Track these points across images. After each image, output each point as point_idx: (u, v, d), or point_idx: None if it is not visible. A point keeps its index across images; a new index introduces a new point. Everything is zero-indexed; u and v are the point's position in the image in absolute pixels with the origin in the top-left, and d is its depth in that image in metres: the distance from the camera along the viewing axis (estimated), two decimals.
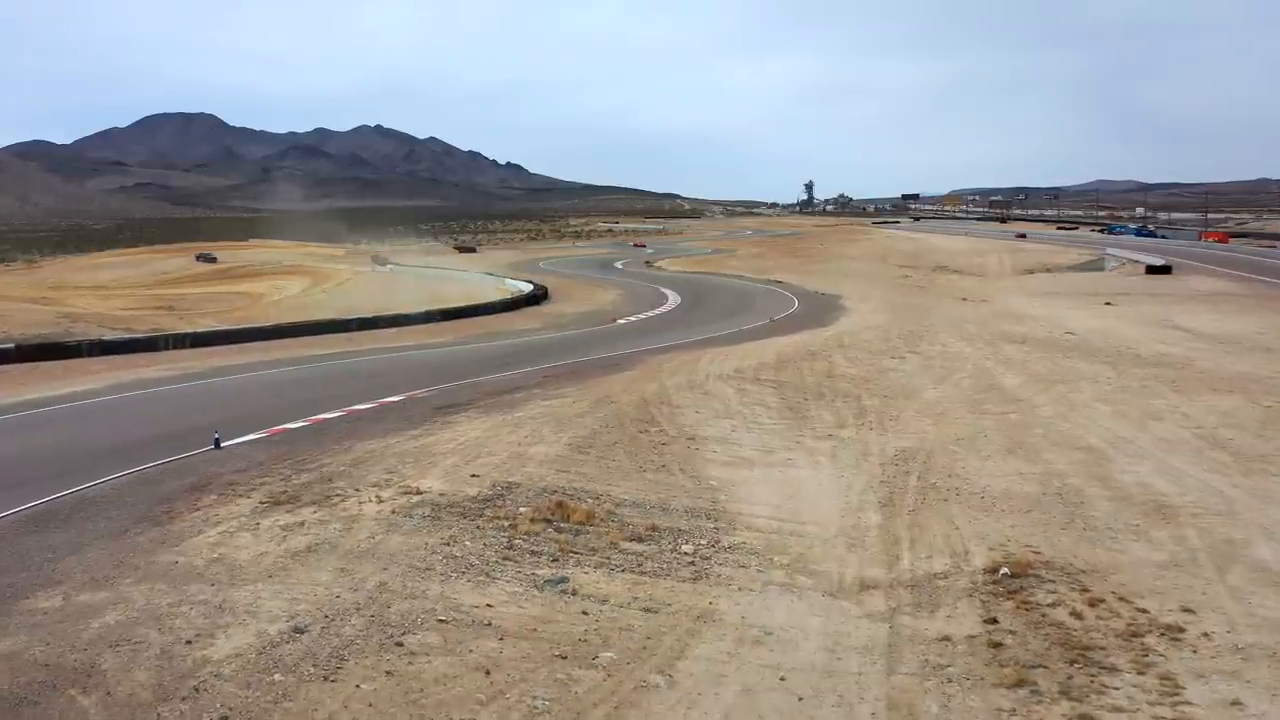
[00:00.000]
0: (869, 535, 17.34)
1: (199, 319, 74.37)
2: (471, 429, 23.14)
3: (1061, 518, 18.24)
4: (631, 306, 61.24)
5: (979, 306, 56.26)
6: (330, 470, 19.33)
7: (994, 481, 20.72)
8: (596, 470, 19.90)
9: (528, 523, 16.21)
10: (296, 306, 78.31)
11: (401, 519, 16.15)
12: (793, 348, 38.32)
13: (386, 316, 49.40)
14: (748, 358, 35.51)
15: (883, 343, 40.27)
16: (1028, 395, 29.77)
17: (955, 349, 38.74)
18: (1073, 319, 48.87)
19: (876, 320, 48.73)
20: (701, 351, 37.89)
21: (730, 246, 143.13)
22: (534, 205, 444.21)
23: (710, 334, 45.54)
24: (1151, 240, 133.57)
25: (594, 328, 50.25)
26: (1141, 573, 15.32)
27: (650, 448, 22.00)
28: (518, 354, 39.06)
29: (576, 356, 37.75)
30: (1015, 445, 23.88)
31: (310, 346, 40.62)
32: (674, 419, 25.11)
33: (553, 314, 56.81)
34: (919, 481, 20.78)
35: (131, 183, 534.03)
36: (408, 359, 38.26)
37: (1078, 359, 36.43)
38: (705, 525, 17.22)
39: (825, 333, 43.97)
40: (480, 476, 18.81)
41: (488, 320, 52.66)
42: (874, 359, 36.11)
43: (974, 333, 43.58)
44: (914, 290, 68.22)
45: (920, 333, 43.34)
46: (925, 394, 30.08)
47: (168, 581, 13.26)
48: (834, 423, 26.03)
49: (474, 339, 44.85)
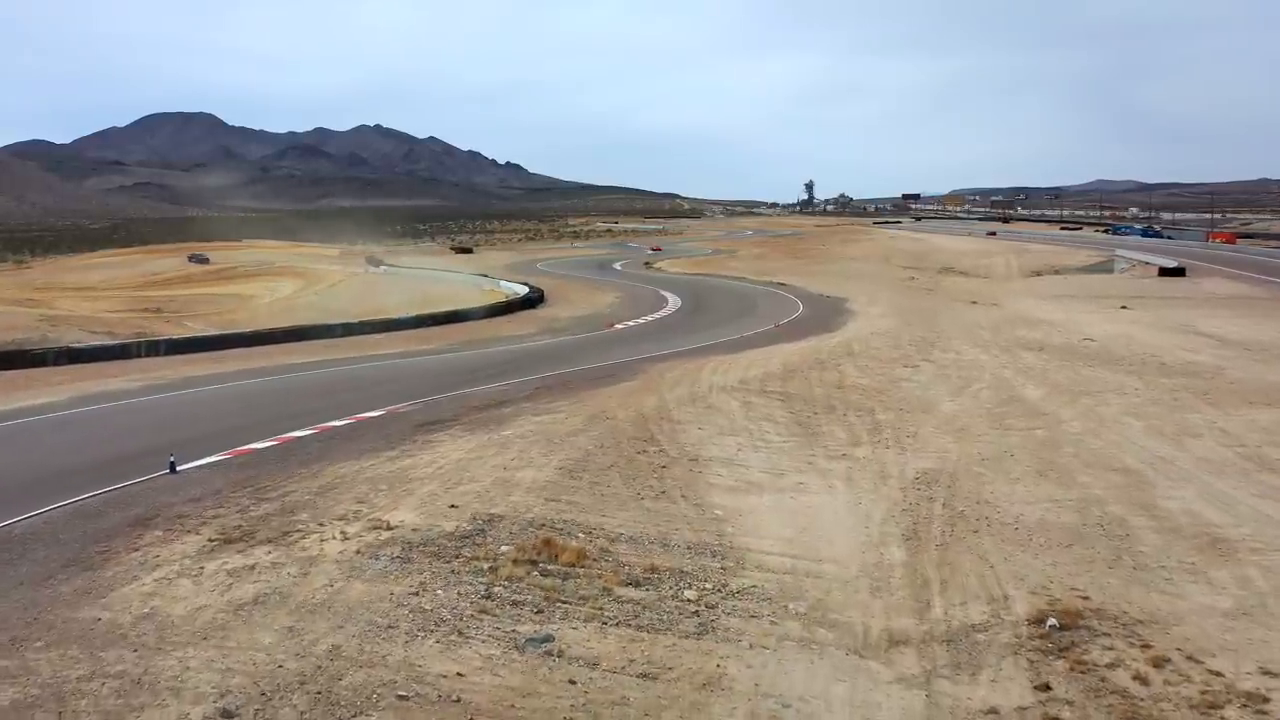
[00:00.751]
0: (894, 575, 15.46)
1: (186, 321, 72.49)
2: (454, 450, 21.23)
3: (1107, 554, 16.37)
4: (630, 310, 59.21)
5: (990, 310, 54.35)
6: (293, 500, 17.42)
7: (1027, 510, 18.84)
8: (589, 499, 18.01)
9: (510, 565, 14.31)
10: (287, 309, 76.39)
11: (366, 561, 14.25)
12: (799, 356, 36.44)
13: (373, 322, 47.40)
14: (753, 367, 33.62)
15: (894, 350, 38.39)
16: (1053, 408, 27.87)
17: (971, 357, 36.84)
18: (1089, 324, 46.96)
19: (885, 325, 46.82)
20: (704, 360, 36.01)
21: (731, 247, 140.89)
22: (533, 205, 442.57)
23: (712, 340, 43.58)
24: (1158, 241, 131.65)
25: (591, 333, 48.25)
26: (1207, 624, 13.45)
27: (649, 471, 20.10)
28: (509, 362, 37.13)
29: (571, 365, 35.83)
30: (1046, 466, 21.99)
31: (291, 354, 38.66)
32: (675, 437, 23.22)
33: (548, 318, 54.74)
34: (945, 509, 18.90)
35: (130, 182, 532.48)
36: (393, 368, 36.34)
37: (1100, 368, 34.53)
38: (710, 565, 15.34)
39: (833, 339, 42.06)
40: (460, 507, 16.92)
41: (480, 325, 50.61)
42: (886, 368, 34.23)
43: (988, 339, 41.68)
44: (921, 293, 66.27)
45: (932, 339, 41.44)
46: (943, 407, 28.19)
47: (84, 646, 11.35)
48: (847, 440, 24.14)
49: (464, 345, 42.87)
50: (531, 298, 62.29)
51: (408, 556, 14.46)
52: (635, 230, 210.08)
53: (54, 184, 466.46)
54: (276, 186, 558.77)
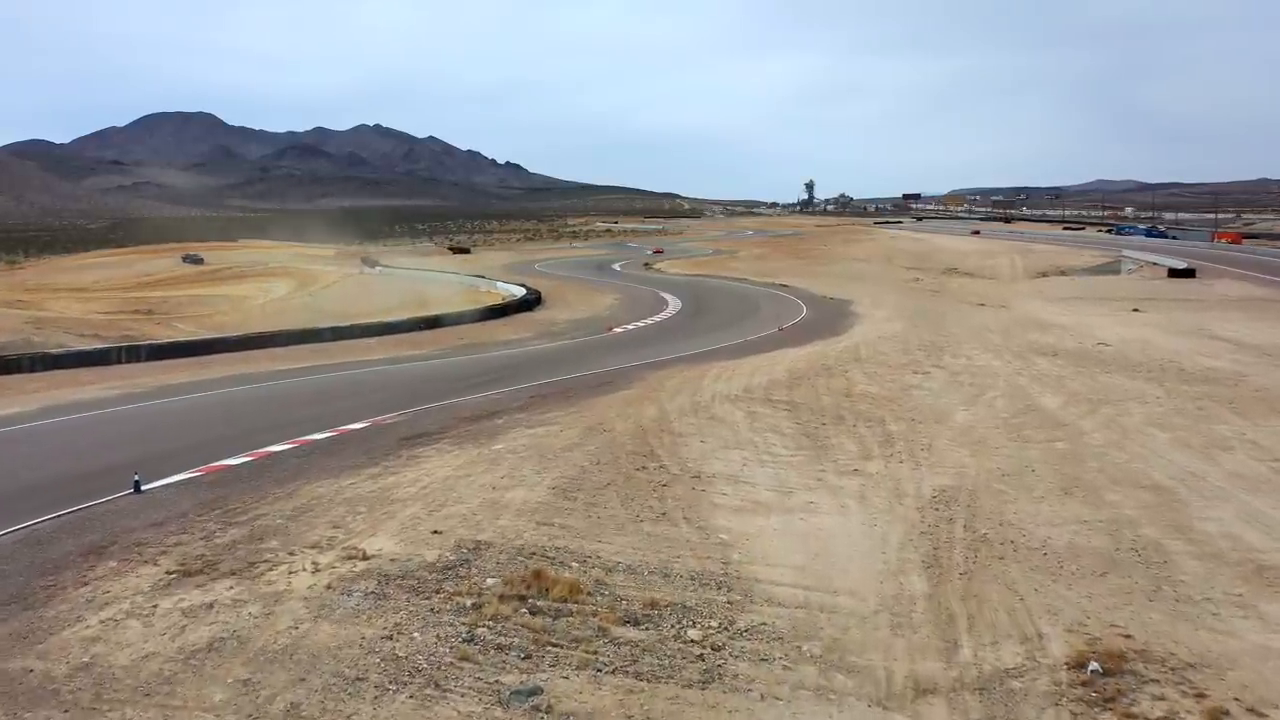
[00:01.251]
0: (916, 610, 14.15)
1: (177, 323, 71.18)
2: (441, 466, 19.91)
3: (1145, 584, 15.08)
4: (630, 313, 57.74)
5: (999, 313, 53.02)
6: (264, 524, 16.10)
7: (1054, 532, 17.54)
8: (584, 522, 16.69)
9: (496, 601, 13.00)
10: (279, 310, 75.10)
11: (337, 598, 12.94)
12: (805, 362, 35.11)
13: (363, 325, 46.00)
14: (757, 374, 32.30)
15: (903, 355, 37.06)
16: (1072, 419, 26.54)
17: (982, 362, 35.52)
18: (1102, 327, 45.65)
19: (892, 329, 45.49)
20: (705, 366, 34.68)
21: (731, 247, 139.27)
22: (533, 205, 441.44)
23: (714, 345, 42.23)
24: (1163, 241, 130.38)
25: (589, 337, 46.88)
26: (1265, 669, 12.15)
27: (649, 490, 18.78)
28: (503, 369, 35.78)
29: (568, 372, 34.49)
30: (1070, 483, 20.67)
31: (277, 360, 37.30)
32: (676, 451, 21.91)
33: (545, 321, 53.28)
34: (966, 532, 17.59)
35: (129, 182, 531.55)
36: (380, 375, 35.01)
37: (1118, 374, 33.21)
38: (716, 599, 14.03)
39: (839, 343, 40.71)
40: (444, 533, 15.61)
41: (474, 329, 49.15)
42: (895, 374, 32.90)
43: (999, 343, 40.35)
44: (927, 295, 64.91)
45: (941, 344, 40.12)
46: (957, 417, 26.88)
47: (7, 704, 10.02)
48: (858, 453, 22.83)
49: (457, 350, 41.51)
50: (528, 300, 60.72)
51: (383, 592, 13.16)
52: (635, 230, 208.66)
53: (53, 184, 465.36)
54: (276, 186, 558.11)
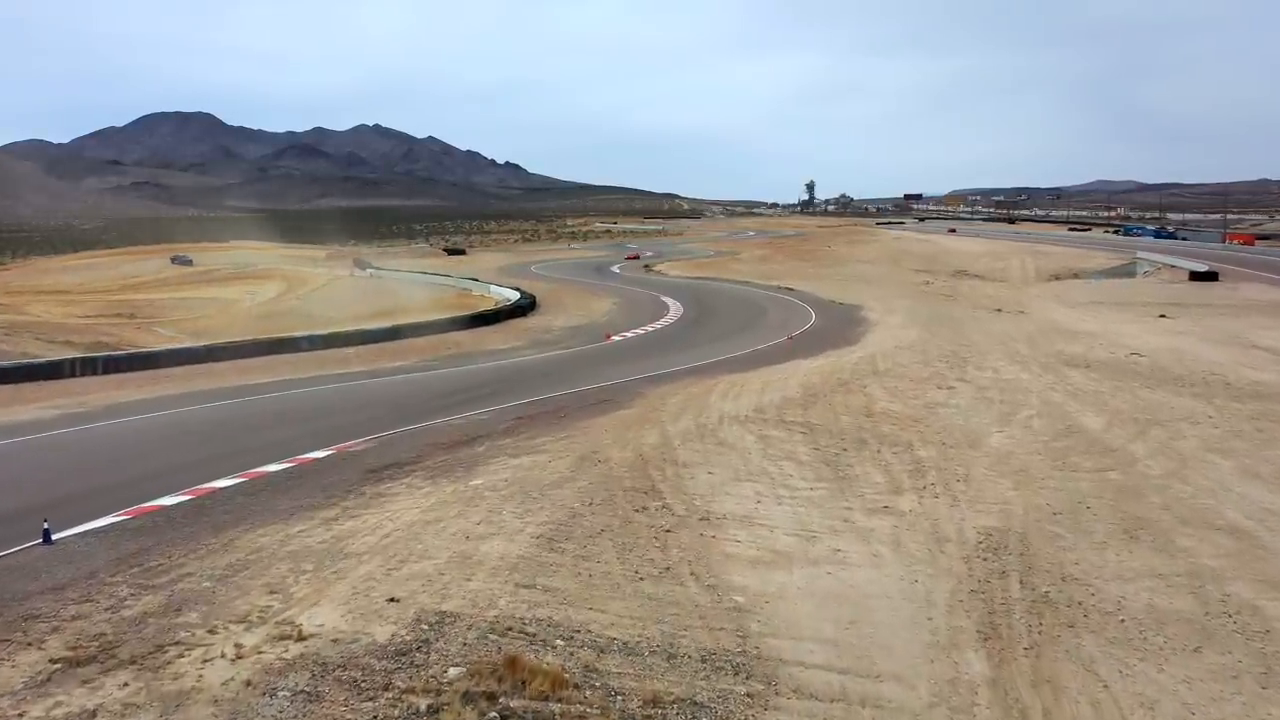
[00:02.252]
0: (978, 702, 11.49)
1: (158, 328, 68.51)
2: (409, 508, 17.18)
3: (1251, 664, 12.49)
4: (629, 319, 54.68)
5: (1018, 319, 50.25)
6: (187, 588, 13.40)
7: (1128, 591, 14.87)
8: (573, 583, 13.99)
9: (458, 703, 10.33)
10: (266, 314, 72.41)
11: (257, 700, 10.24)
12: (820, 375, 32.35)
13: (343, 334, 43.04)
14: (767, 390, 29.55)
15: (923, 367, 34.33)
16: (1120, 443, 23.84)
17: (1010, 375, 32.80)
18: (1131, 335, 42.91)
19: (909, 337, 42.72)
20: (711, 380, 31.92)
21: (733, 248, 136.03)
22: (532, 205, 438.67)
23: (719, 355, 39.30)
24: (1175, 243, 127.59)
25: (585, 346, 43.88)
26: None
27: (650, 537, 16.08)
28: (491, 384, 32.86)
29: (561, 387, 31.60)
30: (1133, 524, 17.98)
31: (244, 373, 34.41)
32: (681, 485, 19.19)
33: (539, 328, 50.30)
34: (1024, 590, 14.91)
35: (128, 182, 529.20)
36: (355, 391, 32.08)
37: (1160, 390, 30.50)
38: (733, 690, 11.35)
39: (853, 354, 37.93)
40: (401, 601, 12.91)
41: (463, 337, 46.05)
42: (918, 390, 30.18)
43: (1025, 353, 37.63)
44: (940, 299, 62.06)
45: (964, 354, 37.39)
46: (991, 440, 24.18)
47: None
48: (887, 486, 20.13)
49: (443, 361, 38.57)
50: (522, 305, 57.61)
51: (317, 690, 10.45)
52: (634, 231, 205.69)
53: (49, 184, 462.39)
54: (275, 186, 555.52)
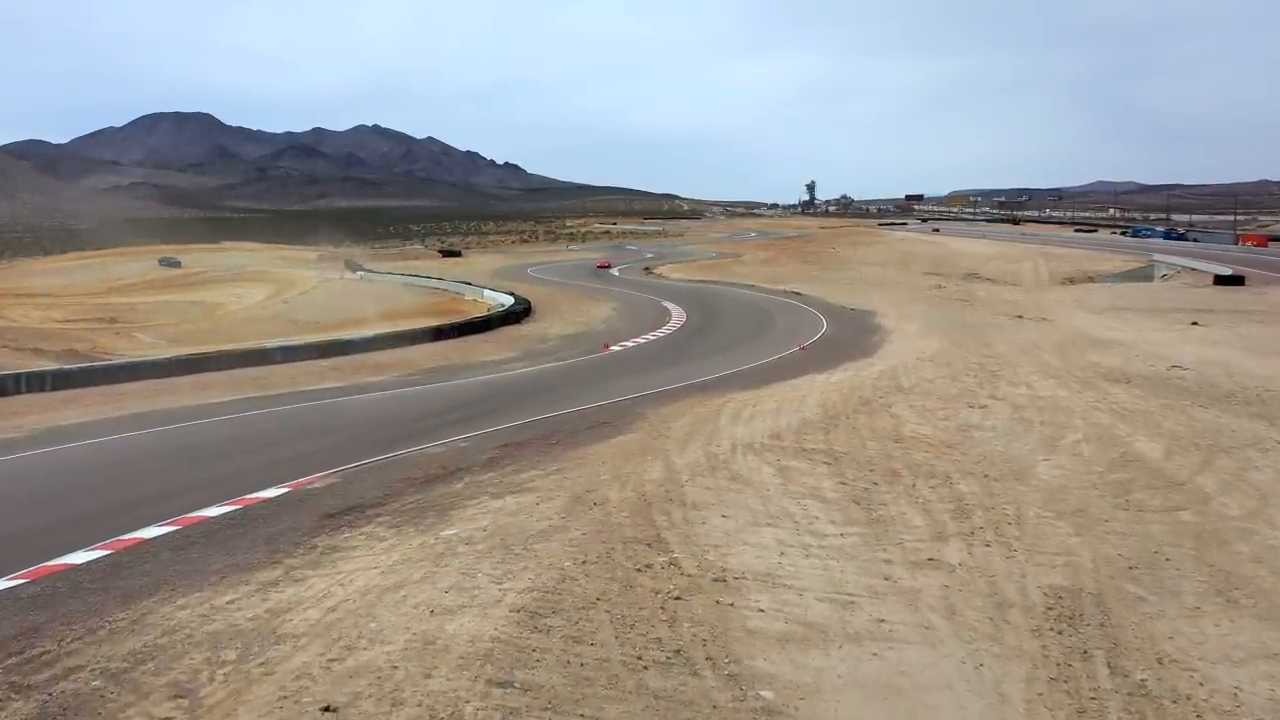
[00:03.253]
0: None
1: (137, 334, 65.84)
2: (365, 568, 14.30)
3: None
4: (629, 326, 51.77)
5: (1042, 327, 47.40)
6: (71, 689, 10.50)
7: (1242, 679, 11.99)
8: (561, 677, 11.11)
9: None
10: (250, 319, 69.75)
11: None
12: (839, 393, 29.49)
13: (320, 344, 40.09)
14: (783, 410, 26.69)
15: (951, 383, 31.48)
16: (1186, 474, 20.96)
17: (1047, 392, 29.95)
18: (1167, 345, 40.11)
19: (930, 347, 39.86)
20: (720, 399, 29.04)
21: (735, 250, 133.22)
22: (531, 206, 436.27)
23: (727, 369, 36.43)
24: (1185, 244, 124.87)
25: (581, 357, 40.86)
26: None
27: (655, 607, 13.20)
28: (476, 402, 29.93)
29: (554, 406, 28.66)
30: (1225, 581, 15.11)
31: (206, 389, 31.45)
32: (690, 534, 16.33)
33: (533, 336, 47.34)
34: (1115, 678, 12.00)
35: (126, 182, 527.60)
36: (324, 412, 28.93)
37: (1213, 409, 27.67)
38: None
39: (874, 367, 35.05)
40: (339, 712, 10.02)
41: (451, 347, 43.06)
42: (949, 409, 27.34)
43: (1058, 366, 34.80)
44: (956, 304, 59.21)
45: (992, 366, 34.55)
46: (1039, 471, 21.34)
47: None
48: (929, 530, 17.27)
49: (426, 375, 35.59)
50: (516, 311, 54.57)
51: None
52: (633, 232, 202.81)
53: (46, 184, 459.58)
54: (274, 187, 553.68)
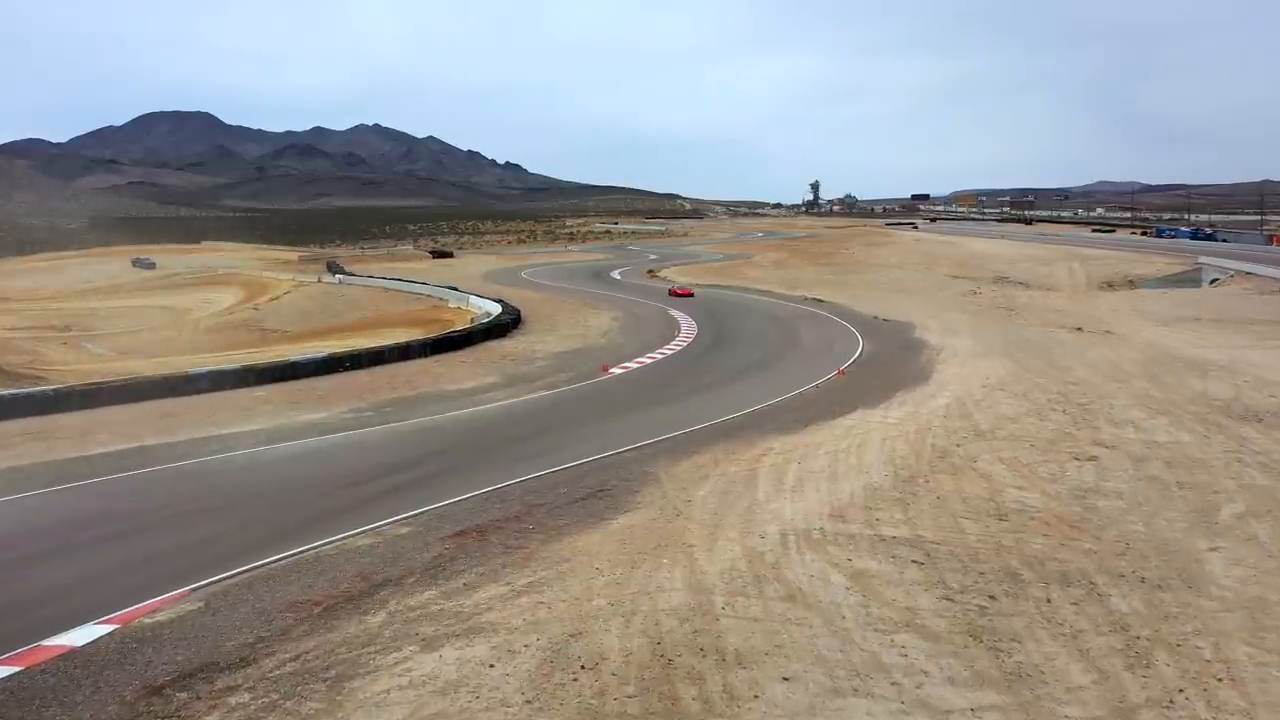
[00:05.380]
0: None
1: (88, 344, 59.47)
2: None
3: None
4: (632, 341, 44.44)
5: (1111, 342, 40.79)
6: None
7: None
8: None
9: None
10: (214, 328, 63.26)
11: None
12: (904, 439, 22.92)
13: (259, 367, 33.18)
14: (840, 469, 20.17)
15: (1038, 421, 24.97)
16: None
17: (1163, 435, 23.47)
18: (1272, 366, 33.62)
19: (993, 370, 33.25)
20: (752, 448, 22.44)
21: (743, 251, 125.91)
22: (532, 205, 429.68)
23: (755, 402, 29.15)
24: (1215, 244, 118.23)
25: (575, 384, 33.19)
26: None
27: None
28: (433, 457, 22.57)
29: (534, 463, 21.51)
30: None
31: (95, 432, 24.56)
32: None
33: (520, 355, 40.15)
34: None
35: (124, 181, 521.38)
36: (226, 472, 21.56)
37: None
38: None
39: (935, 399, 28.41)
40: None
41: (420, 368, 35.77)
42: (1049, 462, 20.88)
43: (1158, 397, 28.29)
44: (999, 314, 52.48)
45: (1079, 397, 28.03)
46: (1213, 570, 14.97)
47: None
48: (1103, 697, 10.92)
49: (380, 409, 28.43)
50: (502, 322, 47.19)
51: None
52: (636, 232, 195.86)
53: (41, 182, 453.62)
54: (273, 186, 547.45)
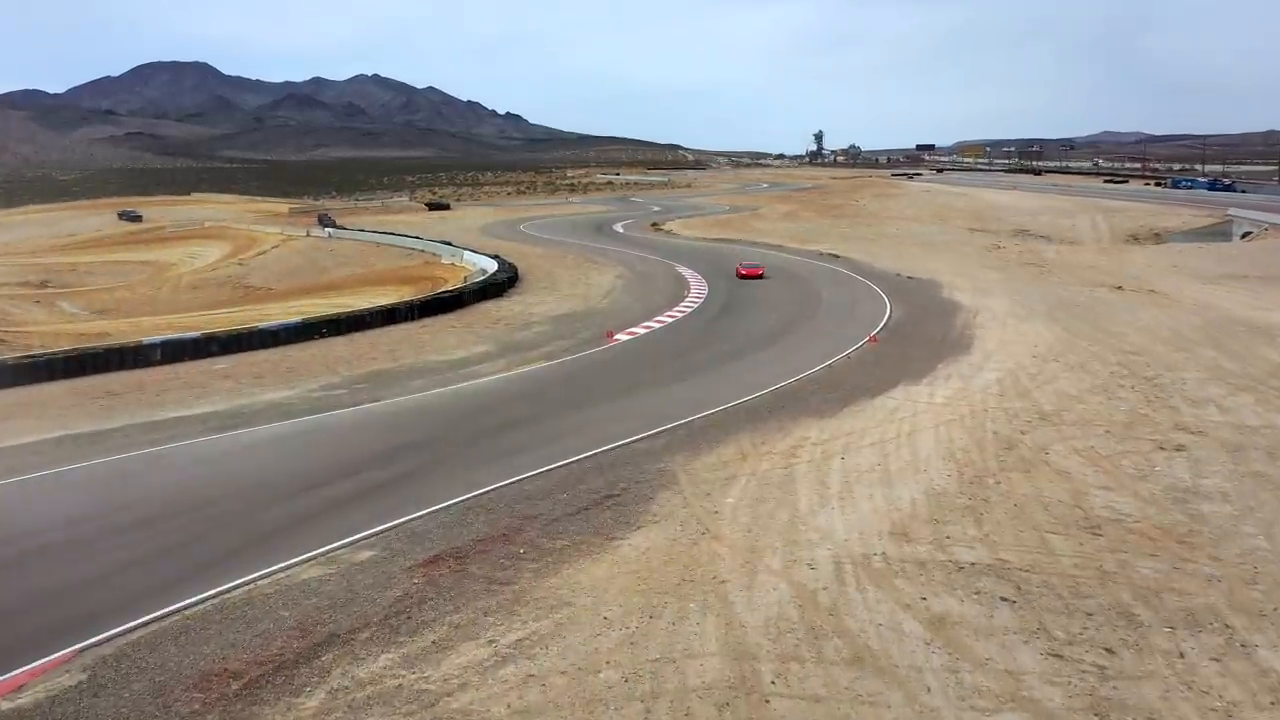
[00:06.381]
0: None
1: (62, 302, 56.39)
2: None
3: None
4: (638, 301, 40.92)
5: (1159, 303, 37.55)
6: None
7: None
8: None
9: None
10: (195, 284, 60.12)
11: None
12: (960, 425, 19.79)
13: (224, 337, 29.57)
14: (893, 467, 17.06)
15: (1105, 399, 21.86)
16: None
17: (1253, 417, 20.39)
18: None
19: (1040, 337, 30.02)
20: (785, 437, 19.24)
21: (749, 203, 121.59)
22: (533, 156, 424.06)
23: (781, 377, 25.62)
24: (1237, 196, 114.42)
25: (577, 353, 29.85)
26: None
27: None
28: (408, 450, 19.31)
29: (527, 458, 18.43)
30: None
31: (17, 417, 21.45)
32: None
33: (516, 318, 36.59)
34: None
35: (121, 132, 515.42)
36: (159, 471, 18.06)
37: None
38: None
39: (984, 372, 25.21)
40: None
41: (405, 335, 32.33)
42: (1129, 452, 17.83)
43: (1232, 369, 25.14)
44: (1029, 271, 49.03)
45: (1143, 369, 24.90)
46: None
47: None
48: None
49: (353, 385, 24.93)
50: (497, 280, 43.64)
51: None
52: (638, 183, 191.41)
53: (38, 133, 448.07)
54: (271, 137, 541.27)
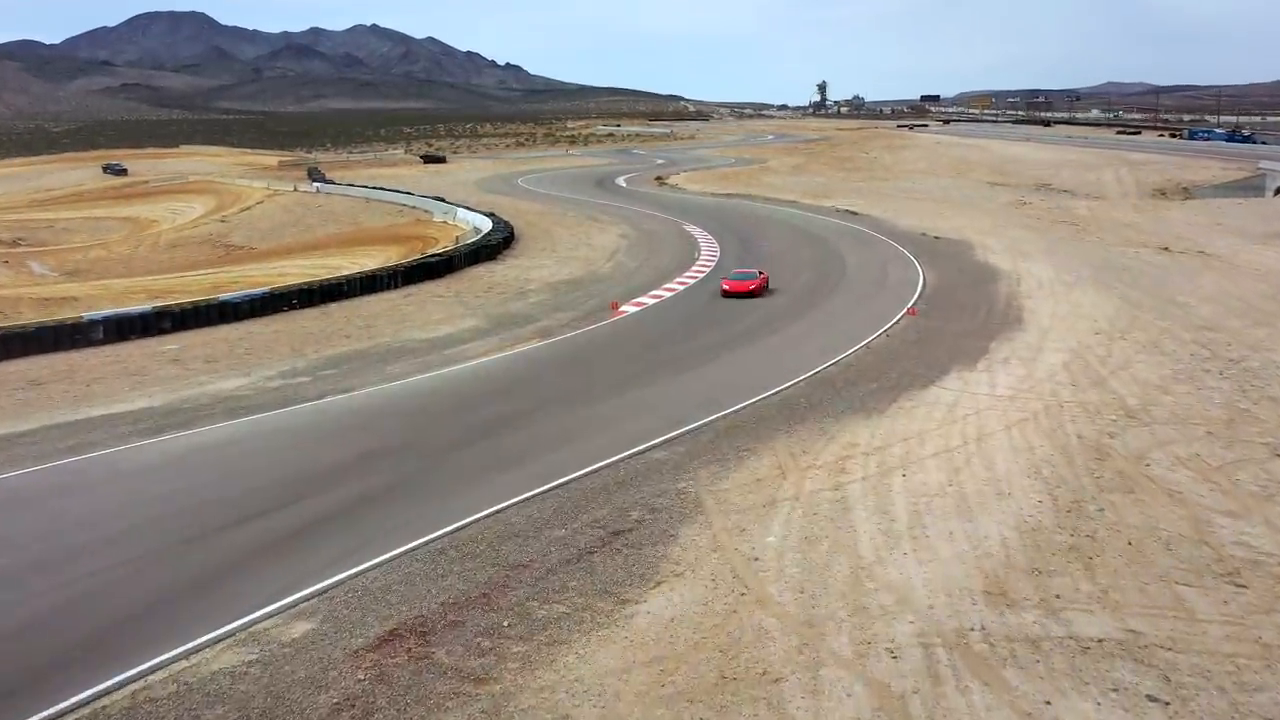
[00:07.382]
0: None
1: (32, 262, 53.13)
2: None
3: None
4: (646, 266, 37.38)
5: (1213, 266, 34.37)
6: None
7: None
8: None
9: None
10: (174, 242, 56.81)
11: None
12: (1036, 429, 16.73)
13: (178, 311, 26.01)
14: (970, 497, 14.03)
15: (1192, 387, 18.84)
16: None
17: None
18: None
19: (1094, 308, 26.85)
20: (828, 444, 16.11)
21: (756, 155, 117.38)
22: (533, 107, 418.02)
23: (812, 360, 22.41)
24: (1259, 148, 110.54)
25: (578, 329, 26.55)
26: None
27: None
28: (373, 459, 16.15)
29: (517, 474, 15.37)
30: None
31: None
32: None
33: (511, 285, 32.99)
34: None
35: (118, 84, 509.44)
36: (59, 496, 14.95)
37: None
38: None
39: (1045, 356, 22.04)
40: None
41: (387, 306, 28.93)
42: (1243, 460, 14.93)
43: None
44: (1063, 230, 45.65)
45: (1226, 349, 21.85)
46: None
47: None
48: None
49: (318, 373, 21.56)
50: (491, 242, 39.94)
51: None
52: (639, 134, 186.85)
53: (33, 85, 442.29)
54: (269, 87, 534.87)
